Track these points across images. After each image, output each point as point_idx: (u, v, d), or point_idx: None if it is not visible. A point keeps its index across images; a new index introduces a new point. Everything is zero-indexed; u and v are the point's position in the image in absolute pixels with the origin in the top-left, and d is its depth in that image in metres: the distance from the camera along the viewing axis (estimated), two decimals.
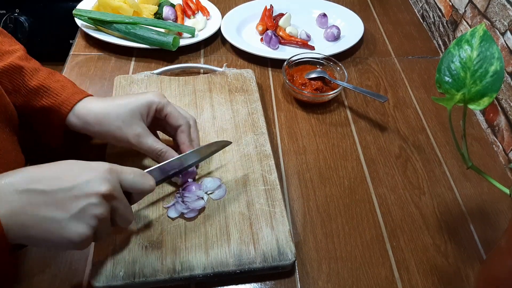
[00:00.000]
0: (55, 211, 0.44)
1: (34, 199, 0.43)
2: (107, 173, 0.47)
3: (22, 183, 0.43)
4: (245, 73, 0.83)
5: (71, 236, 0.45)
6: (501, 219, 0.67)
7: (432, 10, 1.04)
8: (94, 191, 0.45)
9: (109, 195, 0.47)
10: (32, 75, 0.60)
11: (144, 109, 0.60)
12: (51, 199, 0.44)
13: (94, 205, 0.46)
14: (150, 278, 0.53)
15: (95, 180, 0.46)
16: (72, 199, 0.44)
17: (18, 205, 0.42)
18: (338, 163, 0.72)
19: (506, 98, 0.75)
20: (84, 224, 0.45)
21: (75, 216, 0.45)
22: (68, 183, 0.45)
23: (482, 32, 0.52)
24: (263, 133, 0.71)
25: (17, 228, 0.42)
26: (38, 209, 0.43)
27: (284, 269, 0.57)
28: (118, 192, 0.49)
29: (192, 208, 0.59)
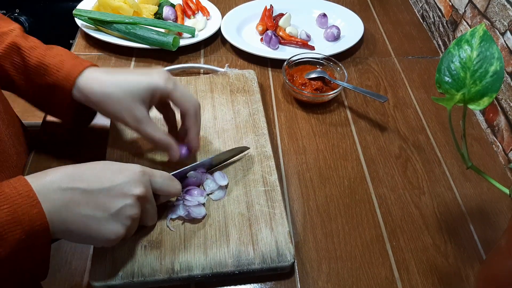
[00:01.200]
0: (95, 210, 0.46)
1: (76, 197, 0.45)
2: (141, 175, 0.50)
3: (65, 181, 0.45)
4: (247, 73, 0.83)
5: (108, 235, 0.48)
6: (501, 219, 0.67)
7: (432, 10, 1.04)
8: (131, 193, 0.48)
9: (142, 197, 0.50)
10: (30, 53, 0.59)
11: (147, 95, 0.57)
12: (92, 198, 0.46)
13: (130, 205, 0.48)
14: (149, 278, 0.53)
15: (131, 182, 0.49)
16: (111, 199, 0.47)
17: (61, 202, 0.45)
18: (338, 163, 0.72)
19: (506, 98, 0.75)
20: (120, 224, 0.48)
21: (113, 216, 0.47)
22: (107, 183, 0.47)
23: (482, 32, 0.52)
24: (264, 134, 0.71)
25: (59, 223, 0.45)
26: (79, 207, 0.45)
27: (283, 270, 0.57)
28: (150, 194, 0.51)
29: (194, 217, 0.59)
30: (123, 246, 0.56)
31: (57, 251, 0.58)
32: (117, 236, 0.48)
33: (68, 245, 0.59)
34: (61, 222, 0.45)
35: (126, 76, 0.57)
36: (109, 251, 0.55)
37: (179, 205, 0.60)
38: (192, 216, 0.59)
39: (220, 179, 0.63)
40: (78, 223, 0.46)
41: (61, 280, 0.56)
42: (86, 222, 0.46)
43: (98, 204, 0.46)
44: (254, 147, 0.69)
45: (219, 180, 0.63)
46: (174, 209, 0.60)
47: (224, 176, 0.64)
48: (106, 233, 0.47)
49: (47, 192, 0.44)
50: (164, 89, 0.57)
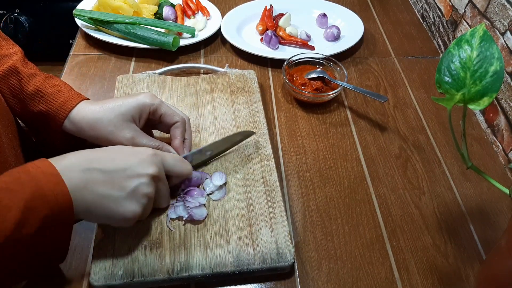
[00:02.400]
0: (112, 189, 0.49)
1: (94, 177, 0.48)
2: (154, 157, 0.53)
3: (84, 163, 0.48)
4: (247, 73, 0.83)
5: (125, 213, 0.50)
6: (501, 219, 0.67)
7: (432, 10, 1.04)
8: (145, 172, 0.51)
9: (156, 176, 0.52)
10: (29, 80, 0.61)
11: (136, 112, 0.60)
12: (109, 178, 0.49)
13: (145, 184, 0.51)
14: (149, 278, 0.53)
15: (144, 162, 0.52)
16: (126, 179, 0.50)
17: (81, 182, 0.47)
18: (338, 163, 0.72)
19: (506, 98, 0.75)
20: (136, 202, 0.51)
21: (129, 194, 0.50)
22: (122, 164, 0.50)
23: (482, 32, 0.52)
24: (264, 134, 0.71)
25: (80, 202, 0.47)
26: (97, 186, 0.48)
27: (283, 270, 0.57)
28: (162, 174, 0.54)
29: (197, 219, 0.59)
30: (123, 246, 0.56)
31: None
32: (134, 214, 0.51)
33: None
34: (82, 201, 0.47)
35: (115, 100, 0.61)
36: (109, 250, 0.55)
37: (179, 205, 0.60)
38: (195, 218, 0.59)
39: (218, 179, 0.63)
40: (97, 202, 0.48)
41: (61, 280, 0.56)
42: (104, 201, 0.49)
43: (115, 184, 0.49)
44: (254, 147, 0.69)
45: (216, 180, 0.63)
46: (174, 209, 0.60)
47: (222, 176, 0.64)
48: (124, 211, 0.50)
49: (69, 172, 0.46)
50: (152, 104, 0.61)
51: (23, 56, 0.64)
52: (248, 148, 0.69)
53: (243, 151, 0.69)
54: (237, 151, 0.69)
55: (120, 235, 0.57)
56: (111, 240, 0.56)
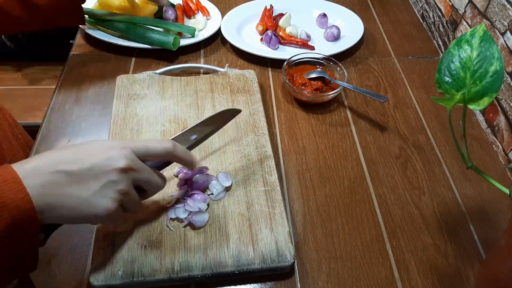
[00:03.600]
0: (79, 190, 0.47)
1: (60, 180, 0.46)
2: (122, 149, 0.51)
3: (46, 166, 0.46)
4: (247, 73, 0.83)
5: (96, 211, 0.48)
6: (501, 219, 0.67)
7: (432, 10, 1.04)
8: (112, 168, 0.49)
9: (126, 169, 0.50)
10: None
11: None
12: (75, 179, 0.47)
13: (113, 181, 0.49)
14: (149, 278, 0.53)
15: (112, 157, 0.49)
16: (94, 178, 0.48)
17: (45, 187, 0.45)
18: (338, 163, 0.72)
19: (506, 98, 0.75)
20: (107, 198, 0.49)
21: (98, 193, 0.48)
22: (88, 163, 0.48)
23: (482, 32, 0.52)
24: (264, 134, 0.71)
25: (46, 208, 0.45)
26: (63, 189, 0.46)
27: (283, 270, 0.57)
28: (135, 164, 0.51)
29: (198, 226, 0.59)
30: (123, 246, 0.56)
31: (57, 251, 0.58)
32: (107, 211, 0.49)
33: (68, 245, 0.59)
34: (48, 206, 0.45)
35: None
36: (109, 250, 0.55)
37: (180, 207, 0.60)
38: (196, 225, 0.58)
39: (225, 180, 0.63)
40: (65, 205, 0.47)
41: (61, 280, 0.56)
42: (73, 203, 0.47)
43: (82, 184, 0.47)
44: (254, 147, 0.69)
45: (223, 181, 0.63)
46: (175, 210, 0.60)
47: (228, 176, 0.64)
48: (95, 210, 0.48)
49: (32, 178, 0.45)
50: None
51: None
52: (248, 148, 0.69)
53: (243, 151, 0.69)
54: (237, 151, 0.69)
55: (120, 235, 0.57)
56: (111, 240, 0.56)
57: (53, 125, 0.75)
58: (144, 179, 0.52)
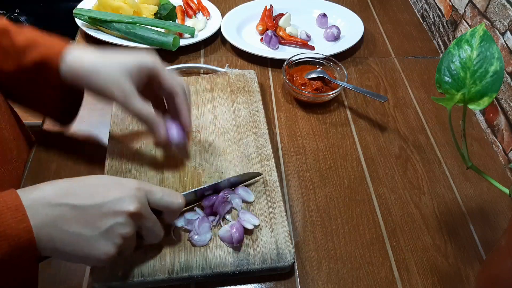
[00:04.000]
0: (84, 228, 0.44)
1: (65, 214, 0.44)
2: (136, 191, 0.48)
3: (54, 197, 0.44)
4: (247, 73, 0.83)
5: (97, 254, 0.45)
6: (501, 219, 0.67)
7: (432, 10, 1.04)
8: (122, 210, 0.46)
9: (136, 214, 0.47)
10: (18, 33, 0.58)
11: (135, 71, 0.56)
12: (82, 214, 0.44)
13: (121, 224, 0.46)
14: (149, 278, 0.53)
15: (124, 198, 0.46)
16: (102, 217, 0.45)
17: (49, 218, 0.43)
18: (338, 163, 0.72)
19: (506, 98, 0.75)
20: (110, 243, 0.46)
21: (103, 234, 0.45)
22: (98, 199, 0.45)
23: (482, 32, 0.52)
24: (264, 134, 0.71)
25: (46, 240, 0.43)
26: (68, 223, 0.44)
27: (283, 270, 0.57)
28: (145, 210, 0.49)
29: (200, 245, 0.57)
30: None
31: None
32: (107, 256, 0.46)
33: None
34: (48, 239, 0.43)
35: (114, 53, 0.58)
36: None
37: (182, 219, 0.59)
38: (196, 245, 0.57)
39: (246, 196, 0.62)
40: (66, 241, 0.44)
41: (61, 280, 0.56)
42: (74, 240, 0.44)
43: (88, 221, 0.45)
44: (254, 147, 0.69)
45: (246, 197, 0.62)
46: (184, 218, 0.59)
47: (248, 191, 0.63)
48: (96, 252, 0.45)
49: (36, 207, 0.43)
50: (152, 67, 0.57)
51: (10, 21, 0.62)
52: (248, 148, 0.69)
53: (243, 151, 0.69)
54: (237, 151, 0.69)
55: None
56: None
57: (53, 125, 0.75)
58: (147, 228, 0.50)
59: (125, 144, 0.69)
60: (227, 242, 0.57)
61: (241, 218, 0.58)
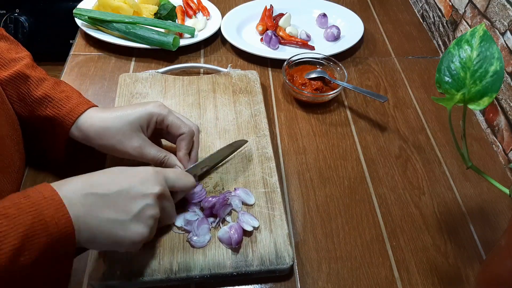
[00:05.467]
0: (117, 213, 0.46)
1: (97, 202, 0.45)
2: (156, 174, 0.51)
3: (85, 188, 0.46)
4: (249, 74, 0.83)
5: (133, 236, 0.47)
6: (501, 219, 0.67)
7: (432, 10, 1.04)
8: (149, 192, 0.49)
9: (161, 195, 0.50)
10: (37, 85, 0.60)
11: (144, 122, 0.59)
12: (112, 201, 0.46)
13: (150, 205, 0.49)
14: (147, 278, 0.53)
15: (147, 181, 0.49)
16: (131, 200, 0.47)
17: (85, 208, 0.45)
18: (338, 163, 0.72)
19: (506, 98, 0.75)
20: (143, 224, 0.48)
21: (135, 217, 0.47)
22: (124, 185, 0.48)
23: (482, 32, 0.52)
24: (266, 135, 0.71)
25: (84, 229, 0.44)
26: (101, 211, 0.46)
27: (281, 273, 0.57)
28: (167, 191, 0.52)
29: (199, 247, 0.57)
30: None
31: None
32: (142, 237, 0.48)
33: None
34: (85, 227, 0.44)
35: (124, 109, 0.60)
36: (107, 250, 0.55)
37: (182, 218, 0.59)
38: (195, 246, 0.57)
39: (246, 198, 0.62)
40: (103, 228, 0.46)
41: None
42: (110, 226, 0.46)
43: (119, 207, 0.47)
44: (255, 148, 0.69)
45: (246, 199, 0.62)
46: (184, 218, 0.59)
47: (248, 192, 0.63)
48: (131, 235, 0.47)
49: (71, 198, 0.44)
50: (159, 114, 0.60)
51: (32, 60, 0.63)
52: (249, 149, 0.69)
53: (244, 152, 0.69)
54: (238, 151, 0.69)
55: None
56: None
57: None
58: (167, 209, 0.53)
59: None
60: (226, 244, 0.57)
61: (240, 220, 0.59)
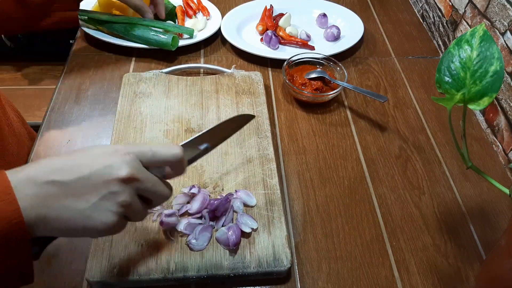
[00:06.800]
0: (76, 201, 0.43)
1: (53, 191, 0.42)
2: (125, 155, 0.45)
3: (40, 176, 0.42)
4: (253, 75, 0.83)
5: (95, 225, 0.44)
6: (501, 219, 0.67)
7: (432, 10, 1.04)
8: (113, 177, 0.44)
9: (129, 179, 0.45)
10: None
11: None
12: (71, 189, 0.43)
13: (114, 192, 0.44)
14: (144, 277, 0.53)
15: (112, 165, 0.44)
16: (92, 188, 0.43)
17: (38, 198, 0.42)
18: (338, 163, 0.72)
19: (506, 98, 0.75)
20: (107, 212, 0.44)
21: (97, 205, 0.43)
22: (85, 171, 0.43)
23: (482, 32, 0.52)
24: (267, 137, 0.71)
25: (39, 220, 0.42)
26: (58, 200, 0.42)
27: (279, 275, 0.57)
28: (140, 172, 0.46)
29: (197, 250, 0.57)
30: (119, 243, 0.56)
31: (57, 251, 0.58)
32: (107, 225, 0.44)
33: (68, 246, 0.59)
34: (41, 218, 0.42)
35: None
36: (106, 247, 0.55)
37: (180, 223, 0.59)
38: (194, 250, 0.57)
39: (248, 200, 0.62)
40: (59, 218, 0.43)
41: (61, 280, 0.56)
42: (67, 215, 0.43)
43: (78, 195, 0.43)
44: (256, 149, 0.69)
45: (248, 201, 0.62)
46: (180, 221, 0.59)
47: (250, 194, 0.62)
48: (93, 224, 0.44)
49: (25, 188, 0.42)
50: None
51: None
52: (250, 150, 0.69)
53: (245, 153, 0.69)
54: (239, 153, 0.69)
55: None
56: (109, 237, 0.56)
57: (53, 125, 0.75)
58: (148, 190, 0.47)
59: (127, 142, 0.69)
60: (224, 244, 0.57)
61: (239, 221, 0.58)
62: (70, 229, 0.44)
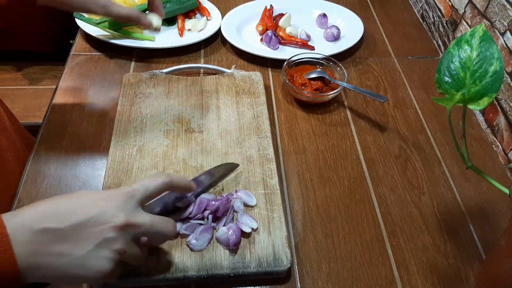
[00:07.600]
0: (71, 249, 0.42)
1: (48, 238, 0.41)
2: (118, 198, 0.45)
3: (36, 222, 0.41)
4: (253, 75, 0.83)
5: (90, 274, 0.43)
6: (500, 219, 0.67)
7: (432, 10, 1.04)
8: (108, 225, 0.43)
9: (124, 226, 0.44)
10: None
11: None
12: (66, 236, 0.42)
13: (109, 239, 0.43)
14: (144, 277, 0.53)
15: (107, 211, 0.44)
16: (86, 235, 0.42)
17: (32, 246, 0.41)
18: (338, 163, 0.72)
19: (505, 98, 0.75)
20: (102, 260, 0.43)
21: (92, 253, 0.43)
22: (80, 218, 0.42)
23: (482, 32, 0.52)
24: (267, 137, 0.71)
25: (33, 268, 0.41)
26: (52, 247, 0.41)
27: (278, 275, 0.57)
28: (135, 216, 0.45)
29: (197, 250, 0.57)
30: None
31: None
32: (102, 273, 0.43)
33: None
34: (35, 267, 0.41)
35: None
36: None
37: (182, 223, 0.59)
38: (194, 250, 0.57)
39: (248, 199, 0.62)
40: (54, 266, 0.42)
41: None
42: (63, 262, 0.42)
43: (73, 242, 0.42)
44: (256, 149, 0.69)
45: (248, 201, 0.62)
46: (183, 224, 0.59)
47: (250, 194, 0.63)
48: (88, 272, 0.43)
49: (19, 235, 0.40)
50: None
51: None
52: (250, 150, 0.69)
53: (245, 153, 0.69)
54: (239, 153, 0.69)
55: None
56: None
57: (53, 125, 0.75)
58: (147, 232, 0.46)
59: (127, 142, 0.69)
60: (224, 244, 0.57)
61: (239, 221, 0.58)
62: (64, 276, 0.43)
